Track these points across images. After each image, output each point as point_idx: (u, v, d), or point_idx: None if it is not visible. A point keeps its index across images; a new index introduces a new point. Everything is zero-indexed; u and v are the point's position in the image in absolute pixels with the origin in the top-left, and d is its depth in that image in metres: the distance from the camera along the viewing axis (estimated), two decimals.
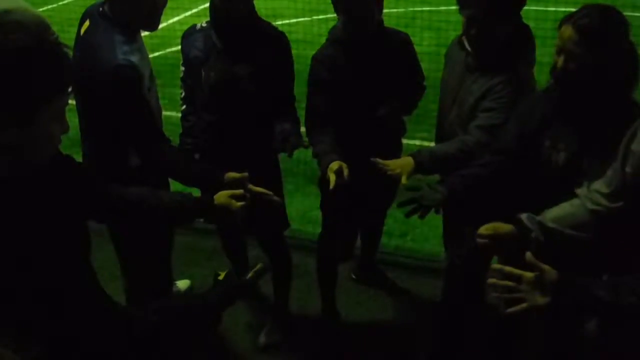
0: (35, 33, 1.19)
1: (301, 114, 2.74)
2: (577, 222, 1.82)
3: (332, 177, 2.31)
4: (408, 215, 2.14)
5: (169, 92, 4.29)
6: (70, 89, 1.27)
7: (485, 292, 2.43)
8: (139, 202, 1.77)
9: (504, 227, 1.88)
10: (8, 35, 1.14)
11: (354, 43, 2.54)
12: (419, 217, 2.12)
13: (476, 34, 2.30)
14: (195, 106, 2.73)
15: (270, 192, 2.07)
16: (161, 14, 2.27)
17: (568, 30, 1.84)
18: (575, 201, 1.86)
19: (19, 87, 1.16)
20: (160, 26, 2.31)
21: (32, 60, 1.16)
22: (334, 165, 2.34)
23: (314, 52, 2.69)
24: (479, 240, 1.89)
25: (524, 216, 1.87)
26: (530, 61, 2.45)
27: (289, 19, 6.70)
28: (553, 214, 1.87)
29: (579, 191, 1.88)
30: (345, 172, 2.31)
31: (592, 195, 1.82)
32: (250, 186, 2.05)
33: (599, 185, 1.82)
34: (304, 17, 6.85)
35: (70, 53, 1.30)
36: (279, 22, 2.63)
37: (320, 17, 6.61)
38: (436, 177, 2.54)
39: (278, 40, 2.61)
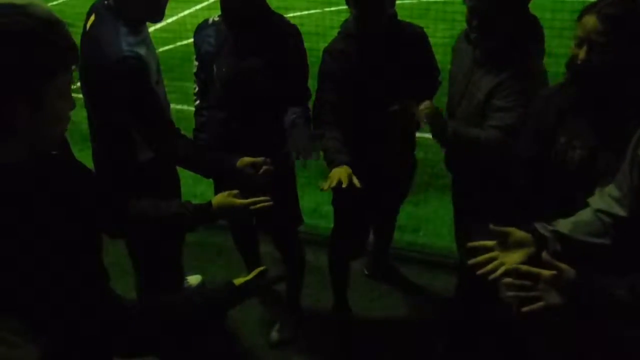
0: (34, 14, 1.20)
1: (312, 107, 2.71)
2: (592, 230, 1.78)
3: (329, 182, 2.23)
4: None
5: (179, 85, 4.28)
6: (74, 66, 1.27)
7: (499, 289, 2.40)
8: (139, 216, 1.76)
9: (521, 235, 1.82)
10: (5, 18, 1.15)
11: (365, 37, 2.50)
12: None
13: (478, 25, 2.26)
14: (208, 101, 2.70)
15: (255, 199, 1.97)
16: (165, 5, 2.25)
17: (591, 20, 1.77)
18: (588, 210, 1.81)
19: (23, 66, 1.16)
20: (171, 19, 2.30)
21: (32, 39, 1.17)
22: (342, 172, 2.26)
23: (325, 45, 2.66)
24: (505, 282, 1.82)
25: (538, 225, 1.82)
26: (539, 53, 2.40)
27: (301, 11, 6.66)
28: (566, 221, 1.82)
29: (591, 200, 1.82)
30: (345, 182, 2.22)
31: (604, 200, 1.77)
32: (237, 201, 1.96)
33: (611, 189, 1.77)
34: (315, 9, 6.83)
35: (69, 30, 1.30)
36: (291, 15, 2.60)
37: (332, 9, 6.59)
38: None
39: (290, 34, 2.58)
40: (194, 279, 3.50)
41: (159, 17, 2.25)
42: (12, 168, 1.21)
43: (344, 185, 2.18)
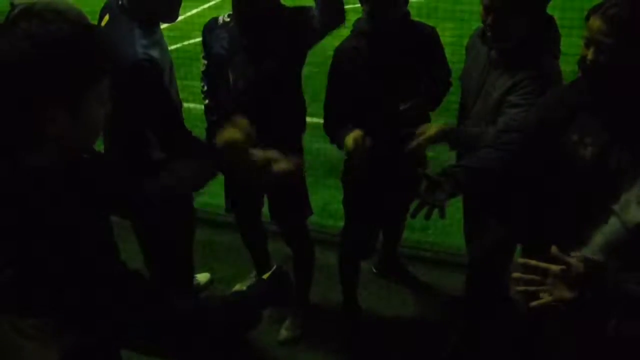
0: (73, 19, 1.19)
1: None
2: (621, 243, 1.76)
3: (350, 142, 2.31)
4: (413, 215, 2.08)
5: (188, 84, 4.28)
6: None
7: (509, 287, 2.40)
8: (164, 188, 1.76)
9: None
10: (46, 25, 1.14)
11: (377, 35, 2.50)
12: (424, 218, 2.07)
13: (493, 24, 2.25)
14: (218, 101, 2.71)
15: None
16: (180, 5, 2.25)
17: (597, 22, 1.77)
18: (613, 221, 1.80)
19: (64, 74, 1.16)
20: (179, 18, 2.30)
21: (74, 47, 1.17)
22: (355, 133, 2.34)
23: (334, 43, 2.66)
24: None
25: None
26: (556, 54, 2.39)
27: None
28: (598, 242, 1.79)
29: (618, 211, 1.81)
30: (367, 141, 2.30)
31: (626, 206, 1.76)
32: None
33: (631, 195, 1.76)
34: None
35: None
36: None
37: None
38: None
39: (304, 29, 2.54)
40: (202, 277, 3.52)
41: (173, 17, 2.25)
42: (45, 171, 1.21)
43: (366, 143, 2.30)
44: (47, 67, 1.13)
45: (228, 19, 2.56)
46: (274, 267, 1.66)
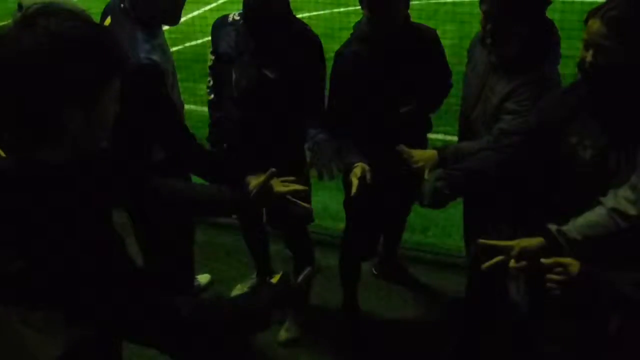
0: (86, 19, 1.21)
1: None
2: (605, 231, 1.78)
3: (355, 182, 2.29)
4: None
5: (189, 86, 4.30)
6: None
7: (508, 290, 2.41)
8: (175, 193, 1.78)
9: (532, 243, 1.83)
10: (64, 23, 1.15)
11: (378, 39, 2.50)
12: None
13: (492, 30, 2.24)
14: (223, 97, 2.72)
15: (296, 187, 1.98)
16: (182, 8, 2.26)
17: (596, 24, 1.78)
18: (600, 210, 1.82)
19: (83, 72, 1.17)
20: (180, 21, 2.30)
21: (92, 45, 1.18)
22: (357, 169, 2.32)
23: (334, 46, 2.67)
24: (512, 265, 1.83)
25: (553, 228, 1.81)
26: (555, 59, 2.39)
27: (309, 12, 6.67)
28: (578, 224, 1.82)
29: (604, 200, 1.83)
30: (368, 176, 2.29)
31: (619, 202, 1.78)
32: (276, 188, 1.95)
33: (625, 191, 1.77)
34: (324, 10, 6.82)
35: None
36: (299, 15, 2.61)
37: (341, 10, 6.59)
38: None
39: (311, 43, 2.58)
40: (203, 278, 3.52)
41: (175, 21, 2.26)
42: (57, 167, 1.22)
43: (357, 177, 2.27)
44: (66, 65, 1.14)
45: (238, 18, 2.56)
46: (282, 273, 1.66)
